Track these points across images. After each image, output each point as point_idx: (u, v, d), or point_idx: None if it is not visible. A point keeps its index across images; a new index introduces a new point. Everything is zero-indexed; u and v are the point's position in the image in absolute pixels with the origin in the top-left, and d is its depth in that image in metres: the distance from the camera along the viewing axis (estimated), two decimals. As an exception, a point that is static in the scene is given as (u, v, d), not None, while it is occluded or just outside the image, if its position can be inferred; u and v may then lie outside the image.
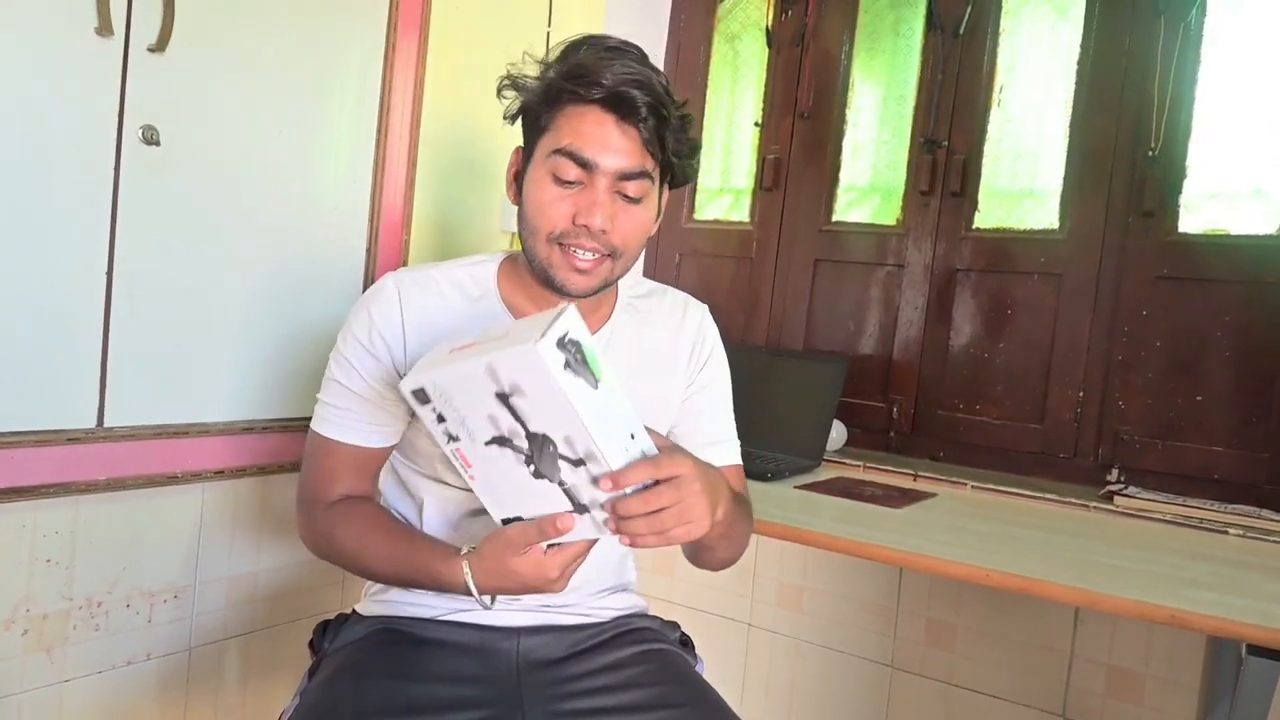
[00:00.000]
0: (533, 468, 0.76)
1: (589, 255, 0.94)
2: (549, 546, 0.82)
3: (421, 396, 0.76)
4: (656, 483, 0.77)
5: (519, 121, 1.00)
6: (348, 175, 1.47)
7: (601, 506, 0.77)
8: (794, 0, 1.97)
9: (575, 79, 0.91)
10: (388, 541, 0.96)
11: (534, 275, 0.99)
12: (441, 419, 0.77)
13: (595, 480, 0.75)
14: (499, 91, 0.99)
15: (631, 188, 0.94)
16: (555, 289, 0.96)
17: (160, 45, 1.18)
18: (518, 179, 1.00)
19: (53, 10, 1.09)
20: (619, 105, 0.91)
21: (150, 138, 1.19)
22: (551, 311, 0.73)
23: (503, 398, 0.72)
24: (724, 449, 1.12)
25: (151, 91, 1.19)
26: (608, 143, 0.92)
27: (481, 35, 1.69)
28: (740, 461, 1.14)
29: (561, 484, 0.77)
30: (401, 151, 1.54)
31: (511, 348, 0.69)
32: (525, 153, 0.99)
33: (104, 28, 1.12)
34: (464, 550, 0.89)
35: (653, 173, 0.95)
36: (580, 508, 0.78)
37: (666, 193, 1.03)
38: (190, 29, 1.21)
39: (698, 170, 1.06)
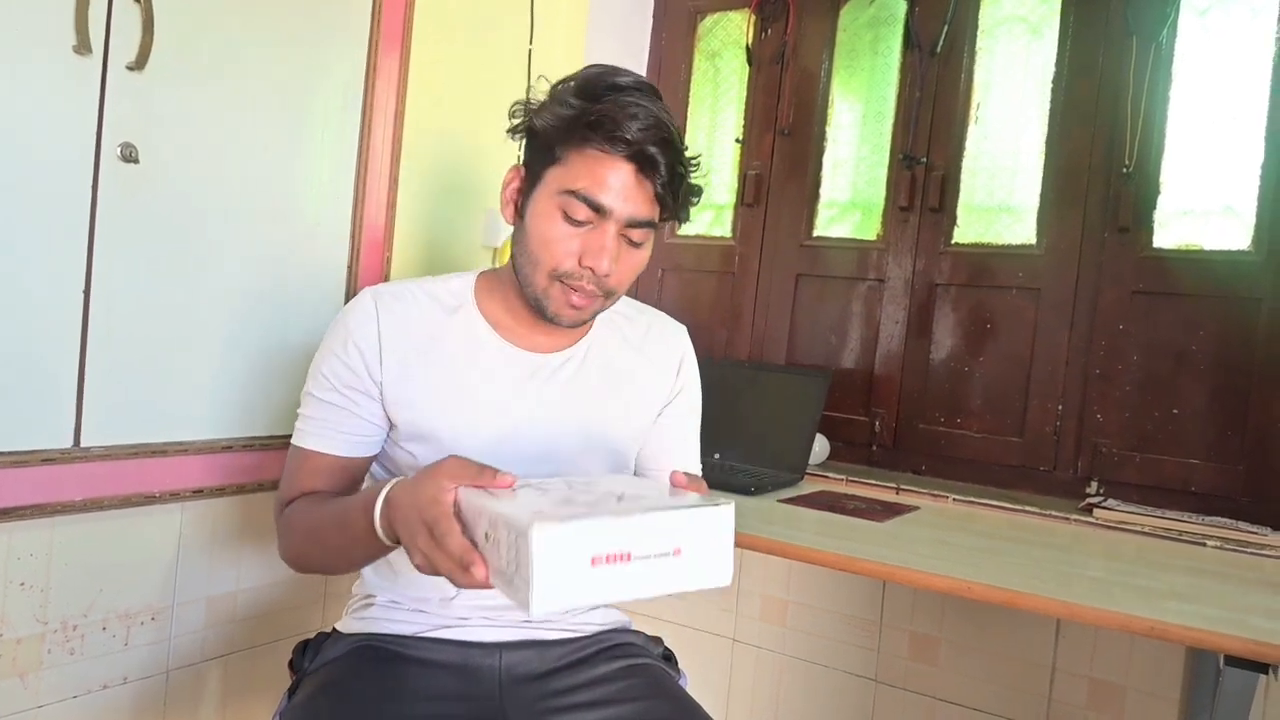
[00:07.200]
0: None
1: (586, 295, 0.96)
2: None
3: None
4: None
5: (518, 137, 1.00)
6: (329, 193, 1.47)
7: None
8: (774, 19, 1.99)
9: (601, 128, 0.90)
10: (326, 511, 0.92)
11: (520, 297, 1.00)
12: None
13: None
14: (511, 112, 0.99)
15: (637, 234, 0.96)
16: (546, 318, 0.98)
17: (139, 63, 1.18)
18: (516, 201, 0.99)
19: (30, 28, 1.08)
20: (642, 161, 0.91)
21: (129, 155, 1.18)
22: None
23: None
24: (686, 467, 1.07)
25: (130, 109, 1.18)
26: (625, 193, 0.92)
27: (463, 54, 1.70)
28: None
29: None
30: (383, 169, 1.54)
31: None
32: (529, 175, 0.97)
33: (82, 46, 1.12)
34: (385, 490, 0.80)
35: (658, 221, 0.98)
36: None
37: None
38: (170, 47, 1.21)
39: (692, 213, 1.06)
